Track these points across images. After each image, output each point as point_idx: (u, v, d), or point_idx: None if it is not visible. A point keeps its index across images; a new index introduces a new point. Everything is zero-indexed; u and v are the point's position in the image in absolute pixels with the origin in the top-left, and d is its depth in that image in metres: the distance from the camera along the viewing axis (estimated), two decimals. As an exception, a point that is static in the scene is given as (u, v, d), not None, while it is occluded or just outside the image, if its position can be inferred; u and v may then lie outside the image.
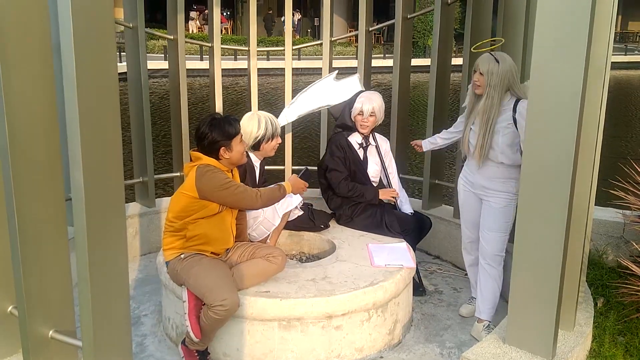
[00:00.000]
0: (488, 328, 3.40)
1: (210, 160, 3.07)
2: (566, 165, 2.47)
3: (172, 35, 4.70)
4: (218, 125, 3.05)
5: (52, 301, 2.41)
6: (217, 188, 2.99)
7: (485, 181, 3.41)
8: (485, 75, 3.23)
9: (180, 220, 3.06)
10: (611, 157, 8.55)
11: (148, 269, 4.45)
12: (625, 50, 32.94)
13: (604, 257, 4.37)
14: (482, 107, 3.27)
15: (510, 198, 3.36)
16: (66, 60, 1.85)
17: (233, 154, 3.10)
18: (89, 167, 1.94)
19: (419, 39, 28.75)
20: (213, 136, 3.03)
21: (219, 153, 3.07)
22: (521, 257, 2.67)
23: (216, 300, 2.82)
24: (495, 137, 3.27)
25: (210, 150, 3.07)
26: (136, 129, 4.64)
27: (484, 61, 3.27)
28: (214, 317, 2.84)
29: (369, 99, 3.97)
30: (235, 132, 3.09)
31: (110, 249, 2.09)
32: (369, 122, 3.97)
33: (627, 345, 3.20)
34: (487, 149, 3.30)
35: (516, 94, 3.26)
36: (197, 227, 3.06)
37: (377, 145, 4.12)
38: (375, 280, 3.19)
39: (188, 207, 3.02)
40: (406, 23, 4.71)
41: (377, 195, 4.01)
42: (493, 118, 3.25)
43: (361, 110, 3.95)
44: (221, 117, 3.12)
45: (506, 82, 3.22)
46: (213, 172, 3.02)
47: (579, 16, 2.35)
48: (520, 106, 3.21)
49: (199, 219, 3.05)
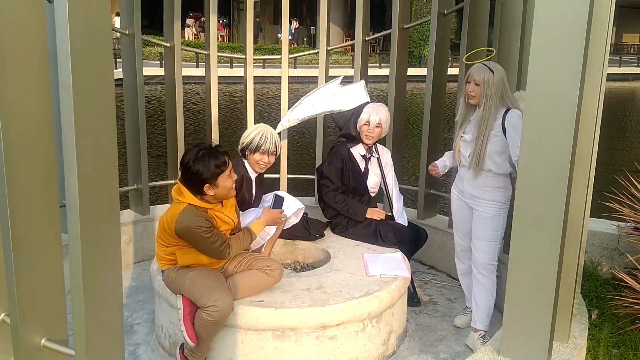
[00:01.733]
0: (483, 338, 3.40)
1: (193, 200, 2.91)
2: (562, 176, 2.47)
3: (169, 42, 4.70)
4: (203, 159, 2.86)
5: (45, 309, 2.39)
6: (195, 236, 2.86)
7: (474, 190, 3.44)
8: (481, 85, 3.25)
9: (169, 246, 3.02)
10: (606, 169, 8.58)
11: (141, 277, 4.42)
12: (620, 62, 33.14)
13: (599, 269, 4.37)
14: (480, 117, 3.29)
15: (499, 207, 3.38)
16: (62, 67, 1.85)
17: (218, 190, 2.93)
18: (84, 174, 1.92)
19: (415, 49, 28.85)
20: (197, 170, 2.85)
21: (202, 190, 2.90)
22: (516, 268, 2.67)
23: (209, 301, 2.81)
24: (489, 145, 3.30)
25: (194, 187, 2.90)
26: (131, 136, 4.63)
27: (479, 71, 3.28)
28: (207, 318, 2.82)
29: (377, 110, 3.96)
30: (221, 170, 2.89)
31: (104, 256, 2.07)
32: (374, 133, 3.96)
33: (621, 357, 3.19)
34: (483, 158, 3.31)
35: (506, 103, 3.29)
36: (186, 258, 3.01)
37: (379, 157, 4.11)
38: (370, 290, 3.18)
39: (172, 238, 2.97)
40: (403, 33, 4.72)
41: (363, 215, 4.00)
42: (489, 128, 3.27)
43: (368, 121, 3.94)
44: (208, 149, 2.92)
45: (501, 91, 3.25)
46: (196, 218, 2.85)
47: (576, 27, 2.36)
48: (510, 115, 3.24)
49: (185, 246, 2.98)
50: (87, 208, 1.96)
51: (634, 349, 3.27)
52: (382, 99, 4.83)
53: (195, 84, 19.74)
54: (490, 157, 3.31)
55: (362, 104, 4.10)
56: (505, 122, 3.25)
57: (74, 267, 2.01)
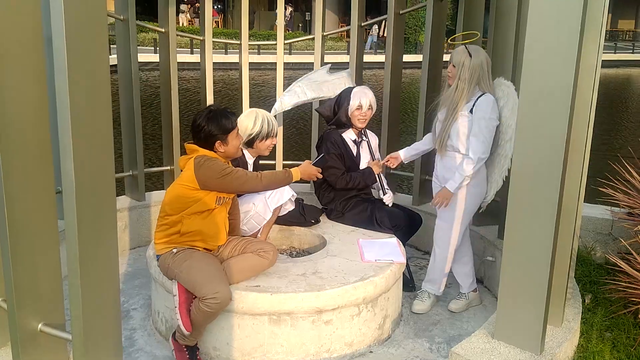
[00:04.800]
0: (428, 297, 3.76)
1: (206, 152, 3.08)
2: (556, 162, 2.49)
3: (163, 28, 4.67)
4: (215, 118, 3.05)
5: (42, 294, 2.40)
6: (217, 175, 2.99)
7: (443, 171, 3.58)
8: (457, 67, 3.34)
9: (176, 214, 3.05)
10: (600, 155, 8.61)
11: (138, 263, 4.43)
12: (615, 49, 33.12)
13: (593, 254, 4.40)
14: (450, 98, 3.39)
15: (464, 191, 3.49)
16: (58, 52, 1.84)
17: (228, 147, 3.11)
18: (80, 160, 1.93)
19: (411, 35, 28.76)
20: (209, 129, 3.03)
21: (214, 146, 3.08)
22: (510, 253, 2.69)
23: (209, 293, 2.82)
24: (454, 124, 3.40)
25: (206, 143, 3.07)
26: (126, 122, 4.61)
27: (457, 53, 3.39)
28: (206, 310, 2.83)
29: (364, 93, 3.99)
30: (232, 126, 3.09)
31: (101, 242, 2.08)
32: (367, 115, 4.01)
33: (615, 341, 3.23)
34: (447, 137, 3.44)
35: (481, 88, 3.34)
36: (192, 224, 3.05)
37: (369, 140, 4.14)
38: (366, 275, 3.20)
39: (185, 199, 3.02)
40: (398, 19, 4.71)
41: (372, 174, 4.04)
42: (457, 109, 3.37)
43: (360, 105, 3.96)
44: (218, 109, 3.11)
45: (476, 76, 3.33)
46: (211, 160, 3.02)
47: (571, 14, 2.36)
48: (480, 100, 3.36)
49: (194, 213, 3.04)
50: (84, 193, 1.97)
51: (627, 333, 3.30)
52: (378, 85, 4.84)
53: (189, 70, 19.63)
54: (457, 137, 3.41)
55: (344, 90, 4.13)
56: (475, 106, 3.34)
57: (71, 253, 2.02)
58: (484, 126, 3.33)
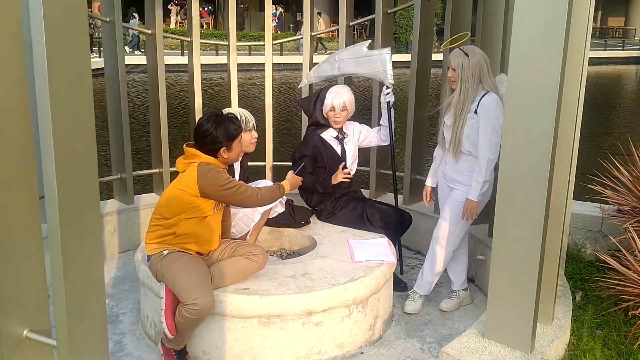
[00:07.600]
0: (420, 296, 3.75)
1: (208, 159, 3.05)
2: (544, 159, 2.48)
3: (150, 29, 4.65)
4: (222, 124, 3.02)
5: (27, 300, 2.37)
6: (220, 188, 2.98)
7: (454, 173, 3.55)
8: (457, 69, 3.34)
9: (173, 216, 3.03)
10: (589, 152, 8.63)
11: (127, 267, 4.40)
12: (605, 46, 33.25)
13: (582, 251, 4.40)
14: (456, 101, 3.37)
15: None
16: (37, 57, 1.82)
17: (231, 154, 3.10)
18: (62, 164, 1.90)
19: (401, 34, 28.76)
20: (216, 135, 3.00)
21: (218, 152, 3.05)
22: (500, 251, 2.68)
23: (189, 299, 2.81)
24: (464, 128, 3.38)
25: (210, 149, 3.04)
26: (114, 125, 4.58)
27: (454, 57, 3.38)
28: (187, 315, 2.82)
29: (339, 94, 3.95)
30: (238, 134, 3.08)
31: (85, 246, 2.05)
32: (341, 117, 3.97)
33: (605, 338, 3.23)
34: (459, 141, 3.41)
35: (485, 86, 3.33)
36: (189, 226, 3.03)
37: (352, 135, 4.14)
38: (356, 276, 3.18)
39: (183, 204, 3.00)
40: (387, 18, 4.70)
41: (329, 184, 3.97)
42: (465, 111, 3.33)
43: (332, 106, 3.94)
44: (224, 115, 3.08)
45: (477, 74, 3.32)
46: (216, 171, 3.01)
47: (557, 11, 2.36)
48: (484, 99, 3.32)
49: (191, 218, 3.02)
50: (66, 198, 1.94)
51: (618, 330, 3.30)
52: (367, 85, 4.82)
53: (181, 71, 19.55)
54: (468, 139, 3.39)
55: (323, 88, 4.07)
56: (479, 106, 3.31)
57: (54, 259, 2.00)
58: (491, 128, 3.29)
